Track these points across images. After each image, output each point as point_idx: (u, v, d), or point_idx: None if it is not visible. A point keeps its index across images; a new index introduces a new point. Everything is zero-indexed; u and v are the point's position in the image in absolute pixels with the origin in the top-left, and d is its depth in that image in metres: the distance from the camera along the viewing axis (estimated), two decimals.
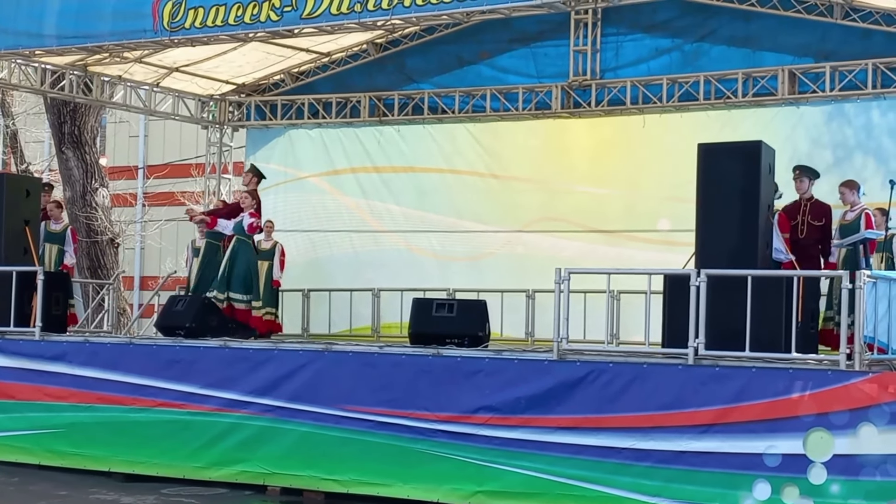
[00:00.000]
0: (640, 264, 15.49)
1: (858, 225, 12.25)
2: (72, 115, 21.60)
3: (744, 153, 11.46)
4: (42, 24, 15.32)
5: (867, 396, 9.95)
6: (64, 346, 14.28)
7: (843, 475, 10.00)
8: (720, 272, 10.84)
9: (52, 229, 16.19)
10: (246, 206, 15.37)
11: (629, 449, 10.87)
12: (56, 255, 16.10)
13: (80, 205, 21.59)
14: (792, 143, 15.47)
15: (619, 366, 11.14)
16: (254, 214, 15.32)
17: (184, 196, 32.63)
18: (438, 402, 11.84)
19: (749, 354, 10.56)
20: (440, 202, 17.54)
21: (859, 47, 15.25)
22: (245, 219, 15.29)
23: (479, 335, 13.26)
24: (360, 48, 18.49)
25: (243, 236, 15.25)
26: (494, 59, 17.79)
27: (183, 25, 14.41)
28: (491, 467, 11.50)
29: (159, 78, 18.59)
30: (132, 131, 39.44)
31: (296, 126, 19.26)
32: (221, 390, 13.04)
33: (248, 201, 15.38)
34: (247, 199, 15.38)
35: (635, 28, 16.78)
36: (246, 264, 15.38)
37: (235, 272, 15.34)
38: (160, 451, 13.31)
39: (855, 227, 12.27)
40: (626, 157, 16.83)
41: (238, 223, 15.32)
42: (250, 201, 15.40)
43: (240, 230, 15.26)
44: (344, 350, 12.91)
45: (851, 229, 12.29)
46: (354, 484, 12.22)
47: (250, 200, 15.41)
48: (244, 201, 15.40)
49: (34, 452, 14.16)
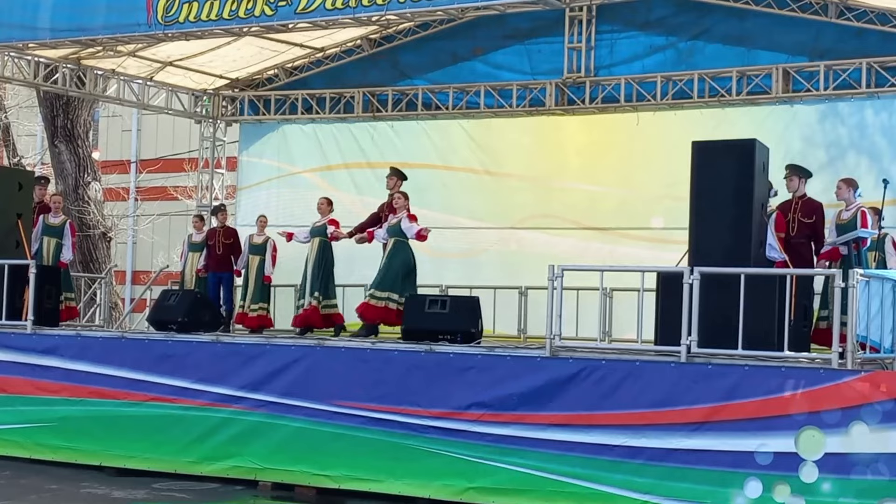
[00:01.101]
0: (634, 262, 15.52)
1: (855, 223, 12.24)
2: (64, 108, 21.58)
3: (738, 151, 11.47)
4: (36, 16, 15.31)
5: (859, 395, 9.95)
6: (56, 340, 14.25)
7: (834, 474, 10.00)
8: (713, 270, 10.84)
9: (51, 223, 16.17)
10: (399, 207, 14.73)
11: (621, 446, 10.87)
12: (54, 248, 16.09)
13: (72, 198, 21.56)
14: (785, 141, 15.48)
15: (611, 363, 11.14)
16: (412, 217, 14.68)
17: (176, 190, 32.65)
18: (430, 398, 11.84)
19: (741, 352, 10.57)
20: (434, 198, 17.52)
21: (853, 46, 15.27)
22: (404, 221, 14.55)
23: (471, 332, 13.26)
24: (354, 43, 18.48)
25: (401, 237, 14.59)
26: (488, 56, 17.78)
27: (177, 19, 14.40)
28: (482, 464, 11.50)
29: (153, 72, 18.56)
30: (125, 125, 39.44)
31: (289, 121, 19.25)
32: (213, 385, 13.02)
33: (401, 201, 14.75)
34: (400, 199, 14.74)
35: (630, 25, 16.77)
36: (406, 265, 14.69)
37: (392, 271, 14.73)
38: (152, 445, 13.29)
39: (852, 225, 12.26)
40: (619, 155, 16.83)
41: (394, 226, 14.66)
42: (404, 201, 14.79)
43: (396, 231, 14.59)
44: (336, 345, 12.91)
45: (848, 228, 12.29)
46: (346, 479, 12.21)
47: (404, 200, 14.79)
48: (398, 202, 14.76)
49: (25, 446, 14.13)
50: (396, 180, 15.09)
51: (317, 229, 15.77)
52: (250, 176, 19.65)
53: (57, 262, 16.01)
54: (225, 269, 17.08)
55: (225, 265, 17.05)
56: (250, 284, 16.86)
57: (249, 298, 16.82)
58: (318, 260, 15.55)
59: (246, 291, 16.91)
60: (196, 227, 17.61)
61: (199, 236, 17.37)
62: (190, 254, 17.30)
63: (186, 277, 17.23)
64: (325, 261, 15.59)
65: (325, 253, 15.59)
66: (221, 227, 17.20)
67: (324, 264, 15.55)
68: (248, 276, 16.93)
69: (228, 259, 17.04)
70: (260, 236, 17.01)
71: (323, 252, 15.58)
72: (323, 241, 15.61)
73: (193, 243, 17.32)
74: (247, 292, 16.88)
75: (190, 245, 17.37)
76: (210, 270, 17.05)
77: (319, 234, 15.70)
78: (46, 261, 15.82)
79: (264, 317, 16.91)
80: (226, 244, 17.00)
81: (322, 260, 15.56)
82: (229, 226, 17.70)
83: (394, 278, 14.35)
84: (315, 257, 15.56)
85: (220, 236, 17.04)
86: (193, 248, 17.30)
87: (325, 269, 15.56)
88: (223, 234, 17.10)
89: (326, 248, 15.60)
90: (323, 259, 15.57)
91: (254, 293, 16.82)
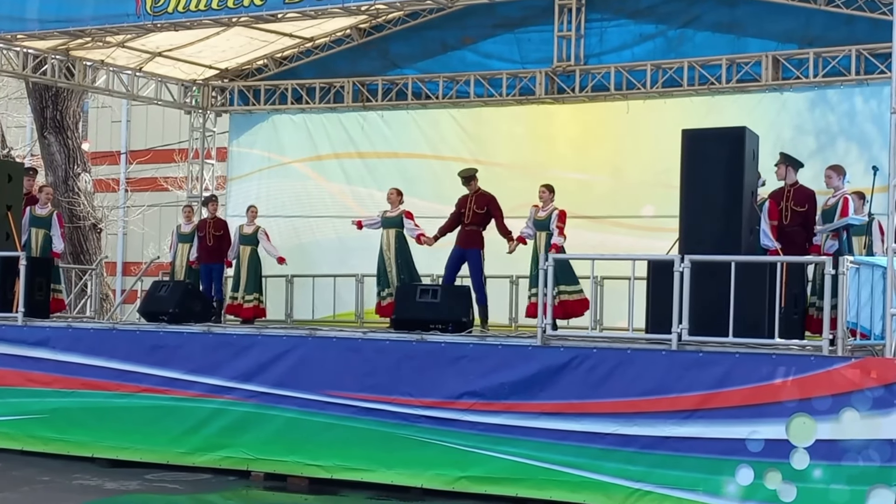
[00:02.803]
0: (625, 250, 15.52)
1: (836, 210, 12.27)
2: (54, 99, 21.52)
3: (728, 139, 11.47)
4: (24, 7, 15.24)
5: (850, 382, 9.98)
6: (47, 332, 14.23)
7: (825, 460, 10.04)
8: (704, 258, 10.86)
9: (38, 214, 16.13)
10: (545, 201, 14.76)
11: (613, 434, 10.90)
12: (42, 239, 16.04)
13: (62, 190, 21.51)
14: (776, 129, 15.48)
15: (602, 351, 11.16)
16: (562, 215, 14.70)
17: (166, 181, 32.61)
18: (422, 388, 11.85)
19: (732, 340, 10.59)
20: (424, 188, 17.51)
21: (843, 33, 15.26)
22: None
23: (462, 321, 13.28)
24: (343, 33, 18.44)
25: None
26: (478, 45, 17.76)
27: (166, 10, 14.35)
28: (475, 453, 11.51)
29: (142, 63, 18.51)
30: (114, 116, 39.34)
31: (279, 111, 19.22)
32: (205, 376, 13.02)
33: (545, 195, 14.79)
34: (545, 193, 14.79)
35: (620, 14, 16.76)
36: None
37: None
38: (144, 436, 13.29)
39: (833, 212, 12.29)
40: (610, 143, 16.84)
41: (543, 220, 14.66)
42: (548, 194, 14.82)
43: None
44: (328, 336, 12.91)
45: (830, 214, 12.32)
46: (338, 469, 12.22)
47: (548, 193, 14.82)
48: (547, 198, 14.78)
49: (17, 438, 14.12)
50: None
51: (390, 220, 15.64)
52: (240, 166, 19.62)
53: (46, 253, 15.96)
54: (216, 261, 17.03)
55: (216, 256, 17.00)
56: (242, 275, 16.83)
57: (243, 289, 16.78)
58: (397, 251, 15.46)
59: (238, 282, 16.88)
60: (186, 218, 17.56)
61: (189, 227, 17.31)
62: (180, 245, 17.25)
63: (177, 268, 17.19)
64: (404, 252, 15.51)
65: (402, 244, 15.52)
66: (212, 218, 17.16)
67: (403, 255, 15.48)
68: (240, 267, 16.91)
69: (219, 250, 16.99)
70: (250, 226, 16.99)
71: (401, 243, 15.51)
72: (399, 233, 15.51)
73: (183, 234, 17.27)
74: (239, 283, 16.85)
75: (179, 236, 17.31)
76: (201, 262, 17.01)
77: (394, 224, 15.58)
78: (35, 252, 15.78)
79: (258, 307, 16.89)
80: (216, 235, 16.96)
81: (401, 251, 15.49)
82: (219, 217, 17.66)
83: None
84: (394, 249, 15.47)
85: (210, 227, 17.00)
86: (183, 238, 17.23)
87: (404, 259, 15.49)
88: (213, 225, 17.06)
89: (402, 238, 15.53)
90: (402, 250, 15.49)
91: (247, 283, 16.79)
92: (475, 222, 15.04)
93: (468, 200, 15.12)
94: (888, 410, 9.83)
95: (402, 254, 15.48)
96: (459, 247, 15.06)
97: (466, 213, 15.08)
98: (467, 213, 15.07)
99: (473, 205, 15.07)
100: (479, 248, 15.02)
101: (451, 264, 15.00)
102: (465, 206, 15.12)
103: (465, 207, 15.12)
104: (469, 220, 15.04)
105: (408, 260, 15.52)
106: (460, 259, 14.98)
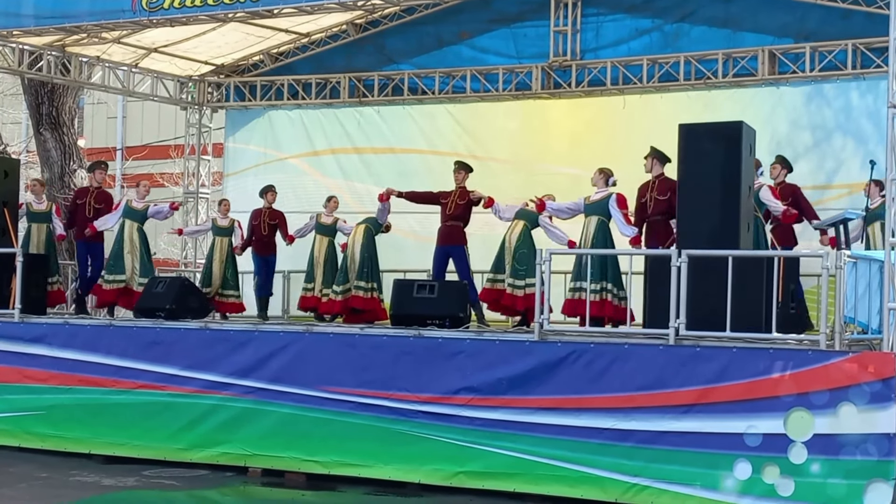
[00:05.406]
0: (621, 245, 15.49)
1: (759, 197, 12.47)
2: (49, 96, 21.46)
3: (725, 134, 11.46)
4: (20, 3, 15.23)
5: (847, 376, 9.98)
6: (44, 328, 14.22)
7: (823, 454, 10.04)
8: (701, 253, 10.86)
9: (36, 209, 16.11)
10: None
11: (610, 429, 10.90)
12: (45, 234, 16.01)
13: (58, 186, 21.45)
14: (772, 123, 15.51)
15: (600, 346, 11.16)
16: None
17: (162, 177, 32.55)
18: (419, 383, 11.85)
19: (730, 335, 10.59)
20: (421, 183, 17.45)
21: (839, 28, 15.28)
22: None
23: (460, 316, 13.27)
24: (339, 28, 18.44)
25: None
26: (474, 40, 17.77)
27: (162, 6, 14.35)
28: (472, 448, 11.52)
29: (138, 59, 18.50)
30: (110, 112, 39.27)
31: (275, 107, 19.21)
32: (202, 372, 13.01)
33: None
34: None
35: (616, 8, 16.78)
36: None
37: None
38: (141, 432, 13.28)
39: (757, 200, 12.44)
40: (606, 138, 16.81)
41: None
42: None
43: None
44: (325, 331, 12.91)
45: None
46: (336, 465, 12.23)
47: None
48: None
49: (14, 434, 14.11)
50: (464, 174, 15.08)
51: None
52: (237, 162, 19.61)
53: (49, 248, 15.96)
54: (268, 252, 16.66)
55: (269, 247, 16.64)
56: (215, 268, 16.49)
57: (220, 282, 16.48)
58: (364, 246, 15.43)
59: (209, 276, 16.51)
60: (223, 212, 16.89)
61: (226, 220, 16.75)
62: (217, 239, 16.65)
63: (214, 265, 16.58)
64: (371, 247, 15.49)
65: (370, 240, 15.52)
66: (268, 209, 16.67)
67: (369, 250, 15.45)
68: (212, 260, 16.55)
69: (273, 241, 16.65)
70: (225, 219, 16.73)
71: (368, 239, 15.52)
72: (367, 228, 15.51)
73: (220, 227, 16.70)
74: (211, 277, 16.49)
75: (216, 230, 16.70)
76: (255, 252, 16.63)
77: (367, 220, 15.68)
78: (37, 248, 15.78)
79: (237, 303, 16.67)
80: (271, 224, 16.59)
81: (367, 246, 15.47)
82: (275, 208, 16.89)
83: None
84: (361, 244, 15.45)
85: (265, 217, 16.62)
86: (221, 232, 16.64)
87: (370, 254, 15.47)
88: (268, 214, 16.64)
89: (370, 234, 15.54)
90: (368, 245, 15.48)
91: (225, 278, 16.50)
92: (457, 215, 14.89)
93: (453, 194, 15.02)
94: (886, 405, 9.84)
95: (368, 248, 15.42)
96: (442, 245, 14.93)
97: (450, 205, 14.94)
98: (450, 205, 14.93)
99: (457, 198, 15.02)
100: (462, 244, 14.94)
101: (437, 263, 14.88)
102: (449, 199, 15.02)
103: (449, 200, 15.02)
104: (451, 212, 14.90)
105: (373, 256, 15.45)
106: (445, 256, 14.87)
